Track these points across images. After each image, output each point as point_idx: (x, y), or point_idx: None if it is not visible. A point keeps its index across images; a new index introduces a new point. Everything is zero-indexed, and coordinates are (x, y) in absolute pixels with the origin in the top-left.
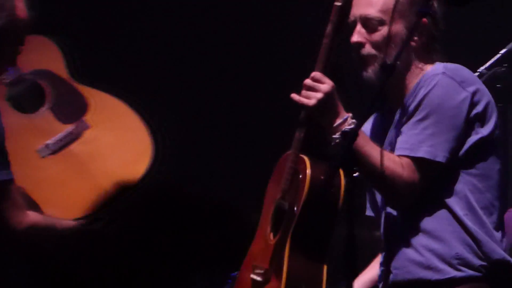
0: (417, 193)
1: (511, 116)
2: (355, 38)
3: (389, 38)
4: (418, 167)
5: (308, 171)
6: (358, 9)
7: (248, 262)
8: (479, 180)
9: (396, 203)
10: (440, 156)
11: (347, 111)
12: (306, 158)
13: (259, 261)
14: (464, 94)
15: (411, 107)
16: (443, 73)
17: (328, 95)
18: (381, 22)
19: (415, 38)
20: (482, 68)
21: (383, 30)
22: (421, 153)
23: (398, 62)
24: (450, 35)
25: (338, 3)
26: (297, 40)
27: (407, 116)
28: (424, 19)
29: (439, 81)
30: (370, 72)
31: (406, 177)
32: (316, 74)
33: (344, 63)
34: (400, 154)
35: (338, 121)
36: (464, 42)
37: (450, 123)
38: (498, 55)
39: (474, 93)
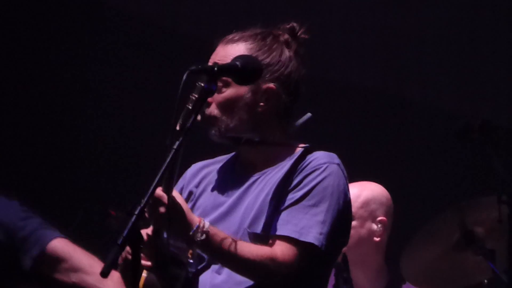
0: (295, 276)
1: None
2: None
3: (232, 100)
4: (302, 251)
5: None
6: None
7: None
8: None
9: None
10: (325, 245)
11: None
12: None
13: None
14: (349, 195)
15: (301, 191)
16: (338, 164)
17: (167, 214)
18: (226, 83)
19: (261, 104)
20: None
21: (227, 92)
22: (310, 238)
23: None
24: None
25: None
26: None
27: (291, 194)
28: (272, 86)
29: (333, 171)
30: (214, 133)
31: (281, 260)
32: (157, 193)
33: None
34: (286, 234)
35: (190, 232)
36: None
37: (339, 216)
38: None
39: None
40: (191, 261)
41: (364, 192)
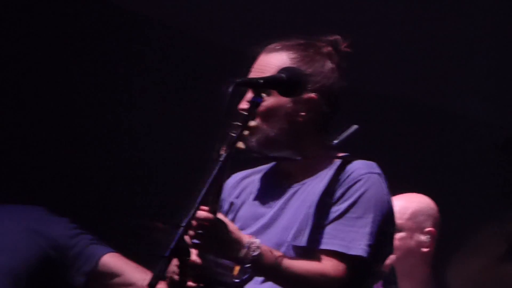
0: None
1: None
2: (243, 105)
3: (273, 109)
4: (351, 264)
5: None
6: (251, 75)
7: None
8: None
9: None
10: (372, 256)
11: None
12: None
13: None
14: (392, 203)
15: (345, 203)
16: (379, 174)
17: (215, 236)
18: (268, 92)
19: (302, 113)
20: None
21: (269, 101)
22: (359, 251)
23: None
24: None
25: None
26: None
27: (334, 207)
28: (314, 96)
29: (375, 182)
30: (254, 142)
31: (333, 275)
32: (199, 214)
33: None
34: (334, 249)
35: (240, 252)
36: None
37: (384, 226)
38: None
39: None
40: (237, 280)
41: (412, 204)
